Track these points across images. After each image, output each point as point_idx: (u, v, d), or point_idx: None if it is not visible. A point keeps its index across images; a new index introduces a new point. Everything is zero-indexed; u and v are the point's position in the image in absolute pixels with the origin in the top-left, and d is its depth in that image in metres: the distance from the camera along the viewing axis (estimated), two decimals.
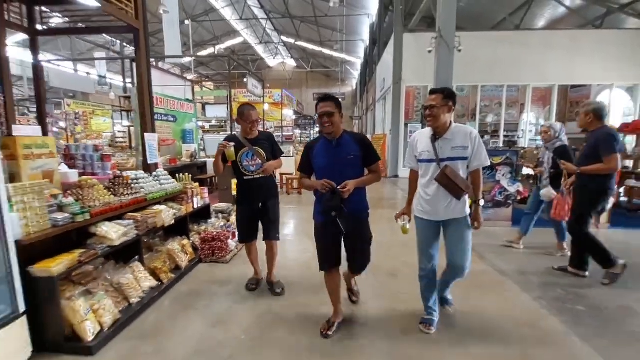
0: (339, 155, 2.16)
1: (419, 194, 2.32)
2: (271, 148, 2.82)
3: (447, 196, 2.15)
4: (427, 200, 2.23)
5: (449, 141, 2.13)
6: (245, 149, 2.71)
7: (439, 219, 2.22)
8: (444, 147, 2.14)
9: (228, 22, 18.63)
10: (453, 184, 2.08)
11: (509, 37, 9.53)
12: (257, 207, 2.82)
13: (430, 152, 2.17)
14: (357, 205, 2.19)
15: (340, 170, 2.13)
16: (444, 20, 5.45)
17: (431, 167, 2.18)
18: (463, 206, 2.19)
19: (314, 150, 2.26)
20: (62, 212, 2.21)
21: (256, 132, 2.79)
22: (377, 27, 14.28)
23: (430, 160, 2.18)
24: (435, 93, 2.16)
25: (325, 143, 2.21)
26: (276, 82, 24.97)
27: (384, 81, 11.57)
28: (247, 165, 2.73)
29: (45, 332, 1.99)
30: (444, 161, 2.13)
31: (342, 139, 2.18)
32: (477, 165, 2.17)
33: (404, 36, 9.50)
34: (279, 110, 12.17)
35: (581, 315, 2.51)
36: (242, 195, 2.84)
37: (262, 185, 2.78)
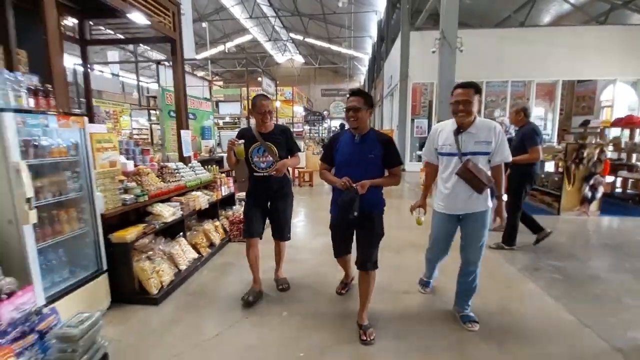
0: (361, 152, 2.14)
1: (439, 189, 2.29)
2: (286, 143, 2.65)
3: (467, 190, 2.12)
4: (446, 194, 2.21)
5: (473, 135, 2.10)
6: (257, 143, 2.56)
7: (458, 212, 2.21)
8: (467, 140, 2.11)
9: (238, 20, 19.17)
10: (475, 178, 2.05)
11: (513, 34, 9.84)
12: (265, 206, 2.73)
13: (452, 146, 2.14)
14: (370, 201, 2.14)
15: (359, 167, 2.12)
16: (446, 23, 5.88)
17: (453, 160, 2.15)
18: (485, 200, 2.15)
19: (338, 143, 2.26)
20: (127, 194, 2.78)
21: (271, 126, 2.63)
22: (385, 24, 14.64)
23: (452, 153, 2.15)
24: (465, 87, 2.09)
25: (350, 137, 2.21)
26: (284, 78, 25.45)
27: (391, 78, 11.98)
28: (258, 162, 2.59)
29: (121, 287, 2.57)
30: (466, 155, 2.10)
31: (367, 136, 2.17)
32: (499, 161, 2.15)
33: (410, 34, 9.89)
34: (290, 107, 12.70)
35: (556, 282, 2.99)
36: (251, 190, 2.74)
37: (271, 184, 2.64)
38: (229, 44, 22.56)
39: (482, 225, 2.18)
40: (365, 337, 2.14)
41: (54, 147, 2.14)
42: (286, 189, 2.75)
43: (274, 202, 2.72)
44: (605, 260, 3.58)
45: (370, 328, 2.21)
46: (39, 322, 1.66)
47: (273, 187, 2.65)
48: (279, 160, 2.57)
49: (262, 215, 2.72)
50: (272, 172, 2.58)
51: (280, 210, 2.72)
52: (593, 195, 4.97)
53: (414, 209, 2.42)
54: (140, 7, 3.25)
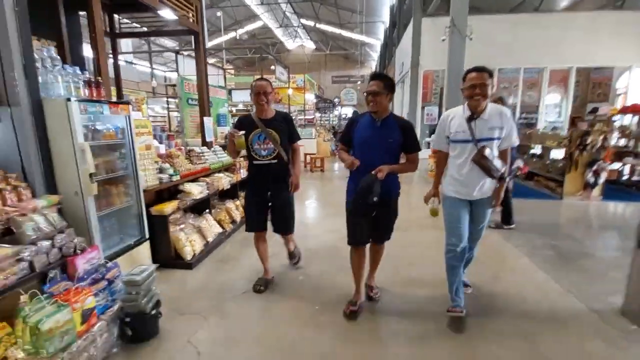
0: (380, 136, 2.15)
1: (450, 175, 2.30)
2: (288, 131, 2.58)
3: (481, 176, 2.14)
4: (460, 180, 2.22)
5: (486, 121, 2.10)
6: (257, 130, 2.47)
7: (473, 198, 2.24)
8: (481, 127, 2.11)
9: (249, 6, 19.25)
10: (491, 164, 2.08)
11: (527, 20, 9.79)
12: (266, 196, 2.62)
13: (465, 132, 2.13)
14: (388, 186, 2.17)
15: (376, 150, 2.14)
16: (456, 10, 6.01)
17: (467, 147, 2.15)
18: (493, 185, 2.22)
19: (357, 124, 2.27)
20: (162, 174, 3.16)
21: (272, 112, 2.55)
22: (397, 9, 14.56)
23: (466, 140, 2.14)
24: (480, 71, 2.09)
25: (370, 120, 2.20)
26: (295, 65, 25.50)
27: (403, 65, 12.06)
28: (258, 149, 2.50)
29: (160, 253, 2.98)
30: (481, 142, 2.10)
31: (387, 120, 2.17)
32: (507, 145, 2.19)
33: (422, 21, 9.94)
34: (302, 95, 12.95)
35: (549, 258, 3.28)
36: (251, 180, 2.66)
37: (273, 172, 2.55)
38: (240, 31, 22.67)
39: (488, 207, 2.28)
40: (372, 294, 2.52)
41: (106, 131, 2.52)
42: (288, 178, 2.64)
43: (275, 193, 2.61)
44: (600, 240, 3.84)
45: (377, 288, 2.58)
46: (106, 272, 2.07)
47: (274, 175, 2.56)
48: (281, 147, 2.51)
49: (263, 208, 2.64)
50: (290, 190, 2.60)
51: (284, 201, 2.63)
52: (595, 181, 5.17)
53: (428, 198, 2.42)
54: (169, 3, 3.56)
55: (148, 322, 2.03)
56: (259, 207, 2.63)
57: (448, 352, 2.00)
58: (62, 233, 2.03)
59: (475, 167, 2.12)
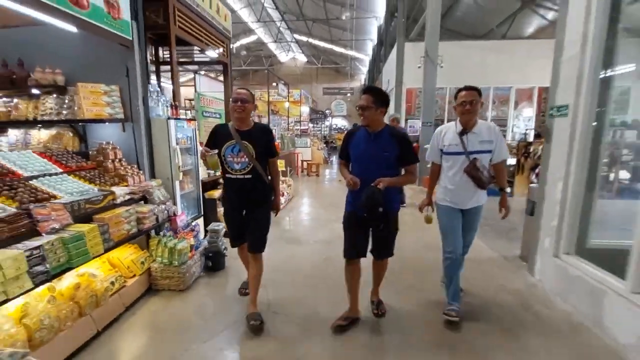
0: (375, 150, 2.17)
1: (444, 186, 2.46)
2: (265, 145, 2.42)
3: (472, 187, 2.32)
4: (452, 190, 2.39)
5: (477, 135, 2.30)
6: (232, 141, 2.34)
7: (464, 207, 2.42)
8: (472, 140, 2.30)
9: (246, 23, 20.77)
10: (481, 174, 2.26)
11: (495, 46, 11.52)
12: (240, 212, 2.51)
13: (458, 145, 2.32)
14: (388, 200, 2.14)
15: (373, 164, 2.16)
16: (429, 44, 7.54)
17: (460, 159, 2.33)
18: (484, 195, 2.42)
19: (353, 139, 2.30)
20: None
21: (250, 123, 2.42)
22: (384, 30, 16.28)
23: (459, 152, 2.32)
24: (470, 90, 2.28)
25: (365, 134, 2.23)
26: (287, 77, 26.98)
27: (388, 82, 13.65)
28: (231, 162, 2.37)
29: None
30: (472, 154, 2.29)
31: (381, 133, 2.18)
32: (500, 159, 2.37)
33: (405, 45, 11.55)
34: (297, 107, 14.38)
35: (487, 233, 4.67)
36: (226, 194, 2.56)
37: (247, 188, 2.39)
38: (235, 45, 24.14)
39: (480, 215, 2.51)
40: (377, 311, 2.50)
41: (183, 139, 3.81)
42: (265, 195, 2.51)
43: (250, 211, 2.48)
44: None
45: (382, 304, 2.57)
46: (193, 227, 3.35)
47: (249, 192, 2.41)
48: (256, 162, 2.36)
49: (241, 225, 2.53)
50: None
51: (257, 218, 2.47)
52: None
53: (422, 207, 2.61)
54: (211, 43, 4.89)
55: (221, 258, 3.31)
56: (236, 224, 2.55)
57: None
58: (166, 203, 3.30)
59: (466, 177, 2.31)
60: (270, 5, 18.81)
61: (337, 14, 17.66)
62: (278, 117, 11.44)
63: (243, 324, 2.44)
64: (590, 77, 2.60)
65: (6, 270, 1.71)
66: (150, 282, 2.90)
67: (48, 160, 2.77)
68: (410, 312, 2.66)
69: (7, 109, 3.31)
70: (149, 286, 2.90)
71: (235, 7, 19.31)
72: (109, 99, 3.20)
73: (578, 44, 2.64)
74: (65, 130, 3.39)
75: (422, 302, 2.81)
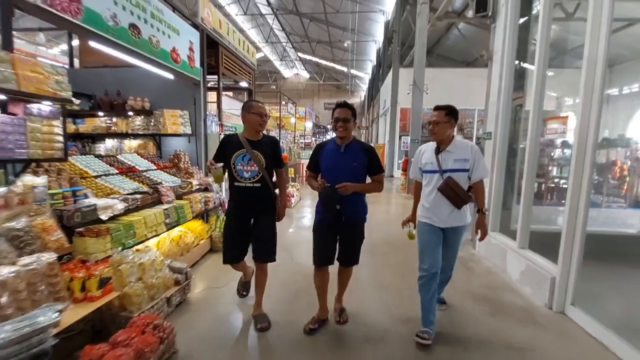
0: (345, 161, 2.36)
1: (422, 204, 2.54)
2: (273, 155, 2.59)
3: (448, 205, 2.38)
4: (428, 208, 2.46)
5: (451, 154, 2.37)
6: (242, 150, 2.48)
7: (441, 225, 2.45)
8: (446, 159, 2.37)
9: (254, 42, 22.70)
10: (455, 193, 2.31)
11: (479, 73, 13.22)
12: (248, 222, 2.61)
13: (433, 164, 2.40)
14: (355, 208, 2.44)
15: (343, 174, 2.33)
16: (417, 74, 9.17)
17: (434, 177, 2.40)
18: (464, 215, 2.44)
19: (323, 152, 2.47)
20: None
21: (260, 135, 2.59)
22: (382, 54, 18.11)
23: (434, 171, 2.40)
24: (439, 109, 2.38)
25: (334, 147, 2.42)
26: (290, 92, 28.86)
27: (385, 102, 15.35)
28: (241, 170, 2.49)
29: None
30: (446, 172, 2.35)
31: (350, 145, 2.39)
32: (479, 177, 2.39)
33: (400, 70, 13.26)
34: (302, 123, 16.03)
35: None
36: (232, 205, 2.63)
37: (256, 197, 2.53)
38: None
39: (461, 237, 2.54)
40: (340, 318, 2.68)
41: None
42: (272, 203, 2.65)
43: (259, 220, 2.60)
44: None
45: (345, 312, 2.74)
46: None
47: (257, 201, 2.55)
48: (265, 171, 2.51)
49: (244, 236, 2.63)
50: (275, 217, 2.66)
51: (265, 226, 2.60)
52: None
53: (405, 223, 2.69)
54: (242, 75, 6.45)
55: None
56: (239, 236, 2.62)
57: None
58: (219, 192, 4.76)
59: (441, 196, 2.37)
60: (277, 27, 20.81)
61: (339, 37, 19.57)
62: (284, 131, 12.99)
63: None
64: (503, 114, 4.15)
65: (158, 218, 3.17)
66: (211, 245, 4.34)
67: (148, 160, 4.25)
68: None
69: (108, 125, 4.83)
70: (210, 247, 4.34)
71: (245, 27, 21.26)
72: (182, 120, 4.71)
73: (496, 95, 4.20)
74: (149, 140, 4.89)
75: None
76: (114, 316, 2.42)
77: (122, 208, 2.80)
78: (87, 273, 2.20)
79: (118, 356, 1.87)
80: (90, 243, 2.41)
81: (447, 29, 14.36)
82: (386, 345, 2.50)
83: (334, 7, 15.29)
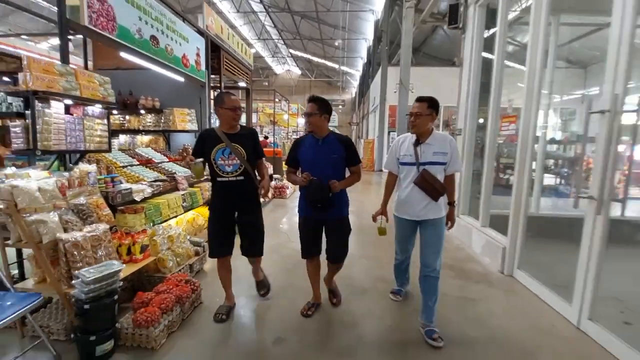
0: (324, 153, 2.44)
1: (398, 196, 2.57)
2: (253, 146, 2.61)
3: (424, 198, 2.41)
4: (404, 200, 2.50)
5: (430, 146, 2.39)
6: (221, 144, 2.48)
7: (415, 218, 2.49)
8: (425, 151, 2.39)
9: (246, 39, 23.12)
10: (431, 186, 2.35)
11: None
12: (232, 217, 2.64)
13: (412, 156, 2.42)
14: (340, 206, 2.56)
15: (323, 166, 2.41)
16: (403, 73, 9.87)
17: (412, 170, 2.43)
18: (440, 208, 2.45)
19: (301, 146, 2.54)
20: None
21: (237, 127, 2.59)
22: (372, 52, 18.78)
23: (411, 163, 2.42)
24: (421, 101, 2.40)
25: (312, 140, 2.49)
26: (282, 88, 29.36)
27: (375, 99, 16.05)
28: (222, 165, 2.49)
29: None
30: (423, 165, 2.38)
31: (327, 138, 2.47)
32: (453, 170, 2.46)
33: (388, 69, 13.95)
34: (295, 119, 16.65)
35: None
36: (215, 200, 2.66)
37: (240, 190, 2.56)
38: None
39: (439, 230, 2.45)
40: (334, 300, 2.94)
41: None
42: (255, 197, 2.67)
43: (243, 213, 2.64)
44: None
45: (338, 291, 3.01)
46: None
47: (241, 194, 2.58)
48: (247, 163, 2.53)
49: (230, 231, 2.66)
50: (261, 194, 2.62)
51: (253, 221, 2.67)
52: None
53: (375, 217, 2.65)
54: (240, 75, 7.04)
55: None
56: (225, 230, 2.63)
57: None
58: None
59: (417, 188, 2.39)
60: (269, 23, 21.28)
61: (330, 35, 20.17)
62: (277, 127, 13.59)
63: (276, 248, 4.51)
64: (471, 113, 4.86)
65: (177, 202, 3.80)
66: None
67: (160, 154, 4.84)
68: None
69: (121, 122, 5.39)
70: None
71: (237, 23, 21.67)
72: (190, 117, 5.30)
73: (465, 96, 4.91)
74: (159, 136, 5.48)
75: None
76: (150, 277, 3.07)
77: (150, 192, 3.42)
78: (132, 240, 2.84)
79: (163, 299, 2.52)
80: (130, 218, 3.02)
81: (433, 30, 15.10)
82: (367, 298, 3.19)
83: (325, 6, 15.87)
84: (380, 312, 2.95)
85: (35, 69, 2.30)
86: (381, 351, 2.40)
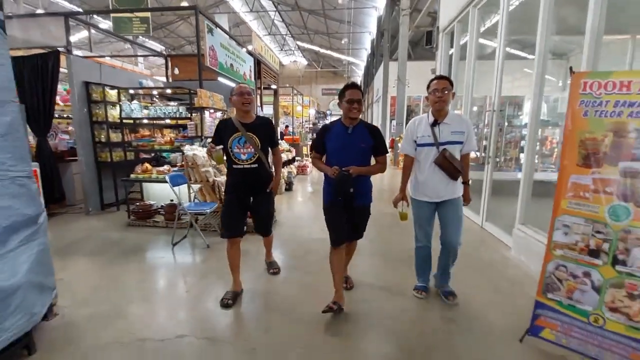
0: (352, 143, 2.47)
1: (416, 178, 2.63)
2: (268, 135, 2.80)
3: (443, 178, 2.49)
4: (424, 182, 2.56)
5: (448, 125, 2.46)
6: (237, 133, 2.67)
7: (436, 199, 2.56)
8: (444, 131, 2.46)
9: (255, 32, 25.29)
10: (452, 165, 2.41)
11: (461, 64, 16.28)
12: (247, 201, 2.85)
13: (430, 137, 2.47)
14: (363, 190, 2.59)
15: (350, 156, 2.45)
16: (400, 71, 12.20)
17: (432, 150, 2.49)
18: (459, 187, 2.56)
19: (329, 133, 2.57)
20: None
21: (252, 116, 2.77)
22: (376, 45, 20.95)
23: (431, 144, 2.48)
24: (442, 79, 2.46)
25: (341, 128, 2.52)
26: (289, 78, 31.37)
27: (378, 90, 18.36)
28: (238, 153, 2.69)
29: None
30: (443, 145, 2.44)
31: (357, 127, 2.50)
32: (468, 149, 2.53)
33: (390, 63, 16.21)
34: (307, 110, 19.12)
35: None
36: (231, 185, 2.84)
37: (254, 177, 2.77)
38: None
39: (459, 208, 2.59)
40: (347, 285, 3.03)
41: None
42: (269, 183, 2.89)
43: (257, 198, 2.87)
44: None
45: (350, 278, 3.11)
46: None
47: (255, 180, 2.80)
48: (261, 152, 2.73)
49: (243, 213, 2.89)
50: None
51: (264, 205, 2.94)
52: None
53: (396, 202, 2.69)
54: (272, 80, 9.46)
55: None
56: (238, 212, 2.84)
57: None
58: None
59: (437, 169, 2.49)
60: (278, 19, 23.42)
61: (336, 29, 22.36)
62: (290, 117, 15.95)
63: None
64: None
65: None
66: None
67: None
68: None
69: None
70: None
71: (247, 19, 23.81)
72: None
73: None
74: None
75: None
76: None
77: None
78: None
79: None
80: None
81: (432, 24, 17.19)
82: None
83: (331, 4, 18.03)
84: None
85: (201, 97, 4.81)
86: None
